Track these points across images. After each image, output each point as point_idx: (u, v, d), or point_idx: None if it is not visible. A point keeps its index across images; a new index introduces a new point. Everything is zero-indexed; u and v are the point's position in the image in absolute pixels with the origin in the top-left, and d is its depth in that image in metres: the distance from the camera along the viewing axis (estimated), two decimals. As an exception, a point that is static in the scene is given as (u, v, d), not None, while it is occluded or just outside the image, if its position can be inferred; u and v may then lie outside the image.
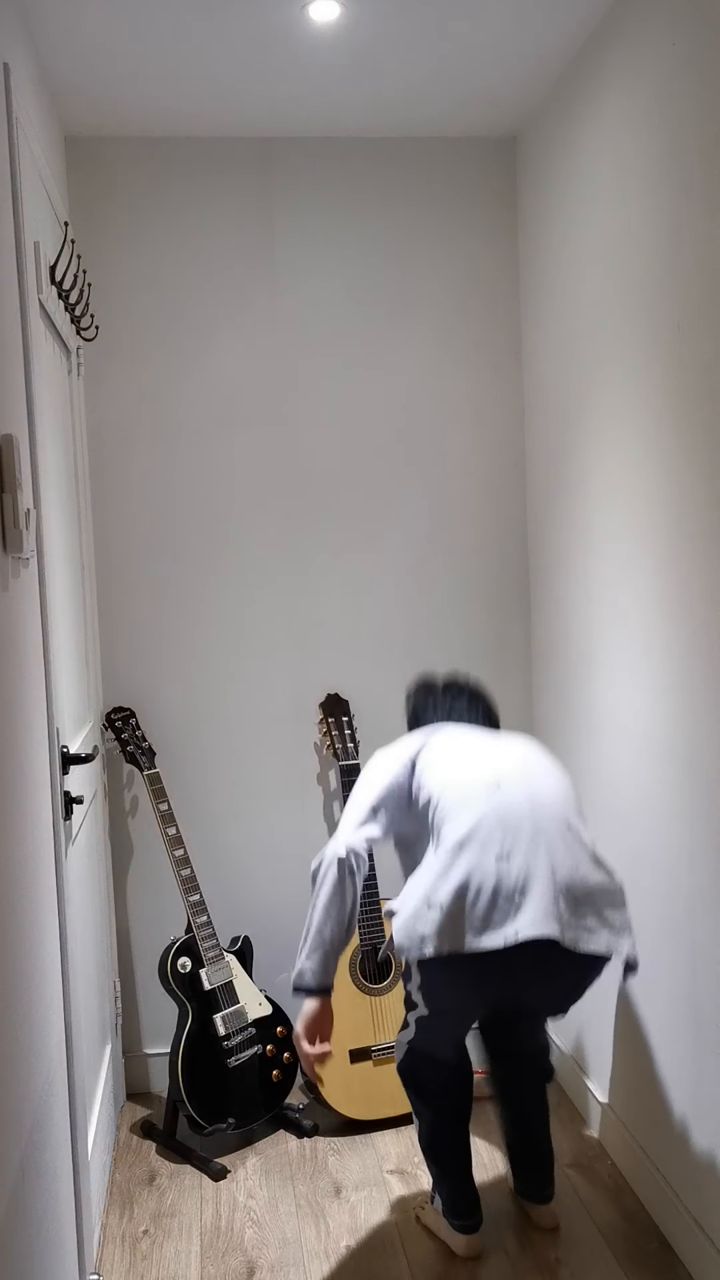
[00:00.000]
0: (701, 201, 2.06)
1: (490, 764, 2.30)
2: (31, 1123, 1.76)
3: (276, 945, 3.20)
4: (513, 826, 2.18)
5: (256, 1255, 2.45)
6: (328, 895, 2.26)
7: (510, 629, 3.28)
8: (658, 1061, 2.45)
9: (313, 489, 3.19)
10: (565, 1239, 2.45)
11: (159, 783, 2.99)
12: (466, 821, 2.19)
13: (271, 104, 2.88)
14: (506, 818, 2.19)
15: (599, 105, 2.54)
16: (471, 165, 3.18)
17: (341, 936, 2.27)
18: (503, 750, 2.36)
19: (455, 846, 2.17)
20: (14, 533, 1.79)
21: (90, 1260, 2.29)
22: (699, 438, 2.12)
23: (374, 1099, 2.94)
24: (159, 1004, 3.16)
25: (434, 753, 2.36)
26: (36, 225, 2.25)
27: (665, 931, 2.38)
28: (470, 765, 2.30)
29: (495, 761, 2.31)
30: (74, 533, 2.75)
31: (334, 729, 3.11)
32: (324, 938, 2.25)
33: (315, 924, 2.26)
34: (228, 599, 3.17)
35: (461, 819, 2.20)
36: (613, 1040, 2.73)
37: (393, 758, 2.40)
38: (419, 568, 3.24)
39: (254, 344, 3.14)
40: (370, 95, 2.85)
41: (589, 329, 2.68)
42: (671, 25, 2.15)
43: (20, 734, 1.82)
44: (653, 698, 2.40)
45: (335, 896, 2.26)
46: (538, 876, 2.13)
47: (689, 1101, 2.30)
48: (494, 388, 3.24)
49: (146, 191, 3.07)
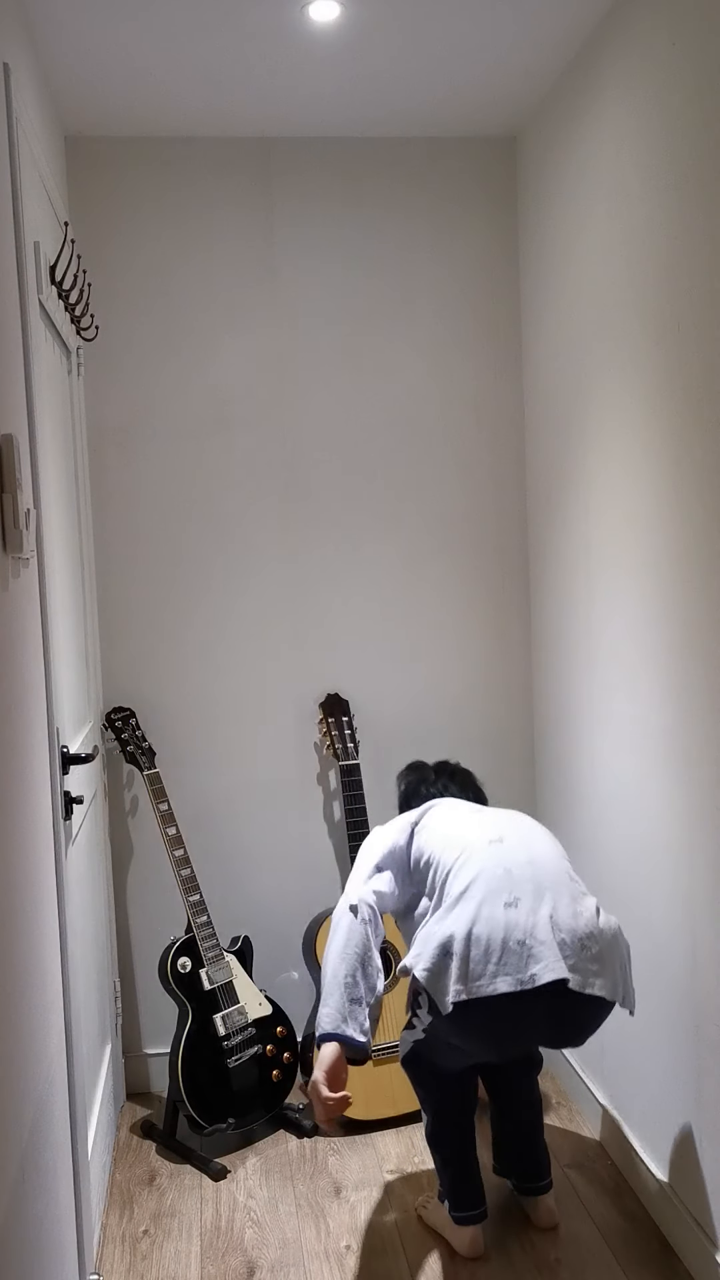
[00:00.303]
0: (701, 201, 2.06)
1: (488, 824, 2.38)
2: (31, 1123, 1.76)
3: (276, 945, 3.20)
4: (516, 876, 2.22)
5: (256, 1255, 2.45)
6: (341, 942, 2.28)
7: (510, 629, 3.28)
8: (658, 1061, 2.45)
9: (312, 488, 3.19)
10: (565, 1239, 2.45)
11: (159, 783, 2.99)
12: (471, 872, 2.24)
13: (271, 104, 2.87)
14: (510, 868, 2.23)
15: (599, 105, 2.54)
16: (471, 165, 3.18)
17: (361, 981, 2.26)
18: (498, 815, 2.44)
19: (462, 896, 2.21)
20: (14, 533, 1.79)
21: (90, 1260, 2.29)
22: (699, 437, 2.12)
23: (374, 1099, 2.94)
24: (159, 1004, 3.16)
25: (432, 820, 2.44)
26: (36, 225, 2.25)
27: (665, 931, 2.38)
28: (469, 826, 2.38)
29: (493, 822, 2.39)
30: (74, 533, 2.75)
31: (334, 729, 3.11)
32: (339, 981, 2.25)
33: (329, 971, 2.27)
34: (228, 599, 3.16)
35: (466, 871, 2.25)
36: (613, 1040, 2.73)
37: (392, 828, 2.47)
38: (419, 567, 3.24)
39: (254, 343, 3.14)
40: (370, 95, 2.85)
41: (589, 329, 2.68)
42: (671, 25, 2.15)
43: (20, 734, 1.82)
44: (653, 698, 2.40)
45: (348, 942, 2.28)
46: (544, 924, 2.15)
47: (689, 1101, 2.30)
48: (494, 387, 3.24)
49: (146, 191, 3.07)
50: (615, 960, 2.20)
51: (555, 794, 3.10)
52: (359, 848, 2.47)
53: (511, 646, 3.28)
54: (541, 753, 3.22)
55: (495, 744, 3.28)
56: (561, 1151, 2.78)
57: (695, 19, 2.05)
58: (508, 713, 3.28)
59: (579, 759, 2.89)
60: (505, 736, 3.29)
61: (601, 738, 2.72)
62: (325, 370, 3.17)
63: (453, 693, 3.26)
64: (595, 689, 2.76)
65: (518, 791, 3.28)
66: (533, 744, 3.28)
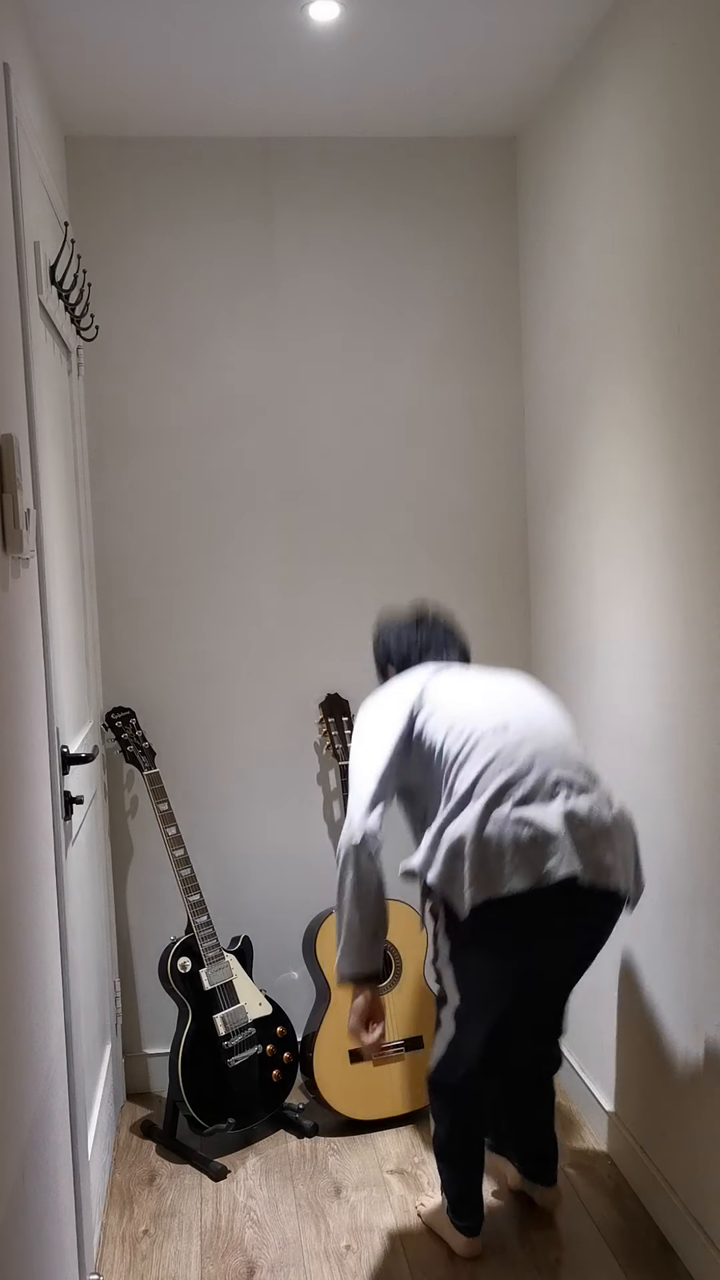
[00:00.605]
0: (702, 201, 2.06)
1: (494, 707, 2.28)
2: (31, 1123, 1.76)
3: (276, 945, 3.20)
4: (524, 766, 2.17)
5: (256, 1255, 2.45)
6: (351, 885, 2.24)
7: (510, 628, 3.28)
8: (658, 1062, 2.45)
9: (313, 488, 3.19)
10: (565, 1239, 2.45)
11: (159, 783, 2.99)
12: (478, 764, 2.18)
13: (271, 104, 2.87)
14: (518, 758, 2.18)
15: (599, 105, 2.54)
16: (471, 165, 3.18)
17: (375, 919, 2.25)
18: (501, 690, 2.34)
19: (472, 792, 2.16)
20: (14, 533, 1.79)
21: (90, 1260, 2.29)
22: (699, 437, 2.12)
23: (374, 1099, 2.94)
24: (159, 1004, 3.15)
25: (433, 700, 2.32)
26: (36, 225, 2.25)
27: (665, 931, 2.38)
28: (473, 711, 2.28)
29: (498, 703, 2.29)
30: (74, 533, 2.75)
31: (334, 729, 3.11)
32: (354, 929, 2.23)
33: (345, 918, 2.24)
34: (228, 599, 3.16)
35: (473, 763, 2.19)
36: (613, 1041, 2.73)
37: (389, 712, 2.34)
38: (419, 567, 3.24)
39: (254, 343, 3.14)
40: (370, 95, 2.85)
41: (589, 328, 2.68)
42: (671, 25, 2.15)
43: (20, 734, 1.82)
44: (653, 697, 2.40)
45: (359, 885, 2.24)
46: (556, 818, 2.12)
47: (689, 1102, 2.30)
48: (494, 387, 3.23)
49: (146, 191, 3.07)
50: (627, 850, 2.17)
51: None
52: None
53: (511, 645, 3.28)
54: (541, 753, 3.22)
55: (495, 744, 3.28)
56: (561, 1151, 2.78)
57: (695, 19, 2.05)
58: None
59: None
60: (505, 736, 3.28)
61: (601, 737, 2.72)
62: (325, 370, 3.17)
63: (453, 693, 3.26)
64: (596, 688, 2.76)
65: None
66: (533, 744, 3.28)
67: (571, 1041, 3.04)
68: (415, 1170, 2.75)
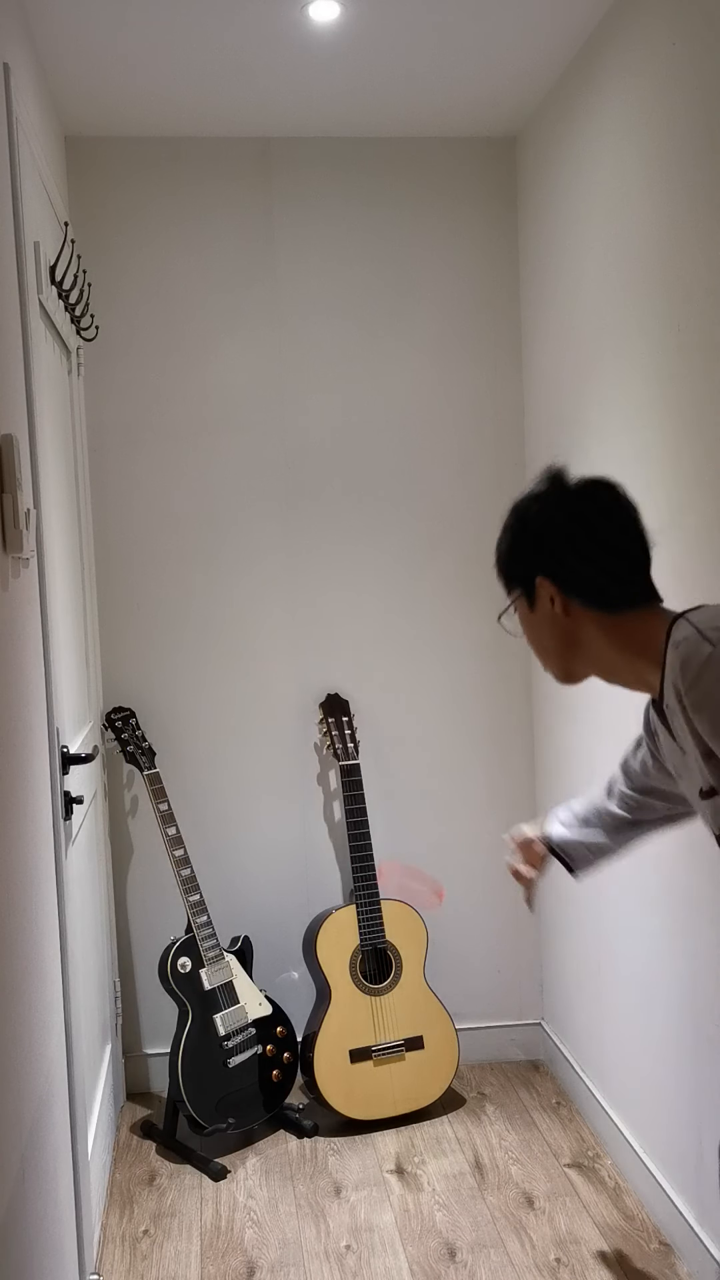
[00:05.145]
0: (701, 201, 2.06)
1: None
2: (31, 1123, 1.76)
3: (276, 945, 3.20)
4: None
5: (256, 1255, 2.45)
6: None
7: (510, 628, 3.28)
8: (658, 1062, 2.45)
9: (312, 488, 3.19)
10: (565, 1239, 2.45)
11: (159, 783, 2.99)
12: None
13: (271, 104, 2.88)
14: None
15: (599, 105, 2.54)
16: (471, 165, 3.18)
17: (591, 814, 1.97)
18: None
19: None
20: (14, 533, 1.79)
21: (90, 1260, 2.29)
22: (699, 437, 2.12)
23: (374, 1099, 2.94)
24: (159, 1004, 3.16)
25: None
26: (36, 225, 2.25)
27: (665, 934, 2.38)
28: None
29: None
30: (74, 533, 2.75)
31: (334, 729, 3.11)
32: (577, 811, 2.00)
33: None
34: (228, 598, 3.17)
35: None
36: (613, 1041, 2.73)
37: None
38: (419, 568, 3.24)
39: (254, 343, 3.14)
40: (370, 95, 2.85)
41: (589, 328, 2.68)
42: (671, 25, 2.15)
43: (20, 734, 1.82)
44: (653, 698, 2.40)
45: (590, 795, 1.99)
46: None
47: (689, 1102, 2.31)
48: (494, 387, 3.23)
49: (146, 191, 3.07)
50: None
51: (556, 793, 3.10)
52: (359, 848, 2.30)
53: (512, 644, 3.28)
54: (542, 752, 3.22)
55: (496, 743, 3.28)
56: (561, 1151, 2.78)
57: (695, 19, 2.05)
58: (509, 712, 3.27)
59: (579, 758, 2.89)
60: (506, 735, 3.28)
61: (601, 738, 2.72)
62: (325, 370, 3.17)
63: (453, 692, 3.26)
64: (596, 688, 2.76)
65: (518, 790, 3.28)
66: (533, 743, 3.28)
67: (572, 1040, 3.04)
68: (415, 1170, 2.76)
